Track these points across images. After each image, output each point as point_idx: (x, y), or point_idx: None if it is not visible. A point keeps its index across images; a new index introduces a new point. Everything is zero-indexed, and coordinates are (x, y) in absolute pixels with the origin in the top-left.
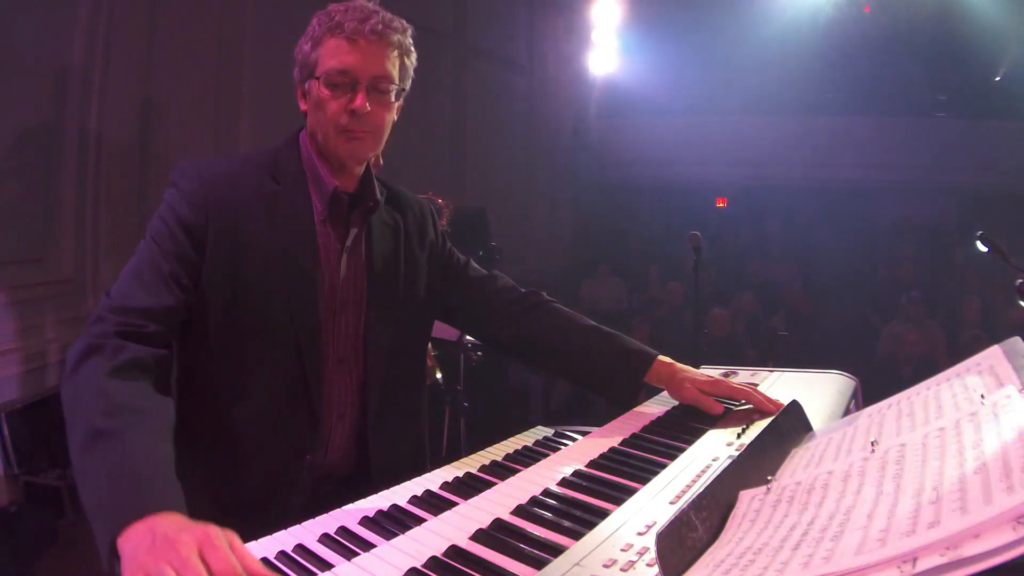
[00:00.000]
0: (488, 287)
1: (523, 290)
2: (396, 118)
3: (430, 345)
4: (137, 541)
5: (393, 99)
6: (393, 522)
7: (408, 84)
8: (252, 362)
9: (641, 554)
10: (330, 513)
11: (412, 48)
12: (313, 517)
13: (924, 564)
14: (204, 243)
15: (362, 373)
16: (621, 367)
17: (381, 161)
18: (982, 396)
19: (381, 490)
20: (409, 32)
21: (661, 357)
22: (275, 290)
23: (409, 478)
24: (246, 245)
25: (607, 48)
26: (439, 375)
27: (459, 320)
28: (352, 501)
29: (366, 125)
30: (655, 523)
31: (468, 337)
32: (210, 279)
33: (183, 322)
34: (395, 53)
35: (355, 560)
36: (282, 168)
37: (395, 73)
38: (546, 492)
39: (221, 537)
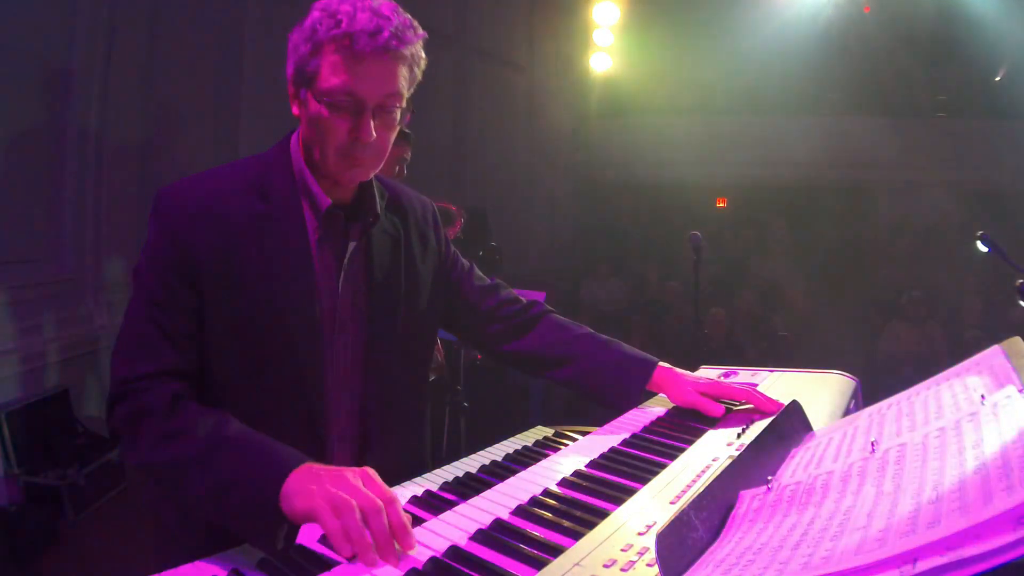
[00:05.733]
0: (490, 297)
1: (524, 301)
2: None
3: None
4: (304, 480)
5: (398, 118)
6: None
7: (412, 89)
8: (254, 398)
9: (641, 554)
10: None
11: (423, 55)
12: None
13: (924, 564)
14: (195, 281)
15: (361, 392)
16: (623, 376)
17: (405, 171)
18: (982, 396)
19: None
20: (422, 40)
21: (661, 364)
22: (273, 321)
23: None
24: (238, 276)
25: (607, 48)
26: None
27: (459, 329)
28: None
29: (370, 151)
30: (655, 523)
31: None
32: (206, 315)
33: None
34: (405, 66)
35: (355, 560)
36: (271, 184)
37: (404, 90)
38: (546, 492)
39: (377, 476)
